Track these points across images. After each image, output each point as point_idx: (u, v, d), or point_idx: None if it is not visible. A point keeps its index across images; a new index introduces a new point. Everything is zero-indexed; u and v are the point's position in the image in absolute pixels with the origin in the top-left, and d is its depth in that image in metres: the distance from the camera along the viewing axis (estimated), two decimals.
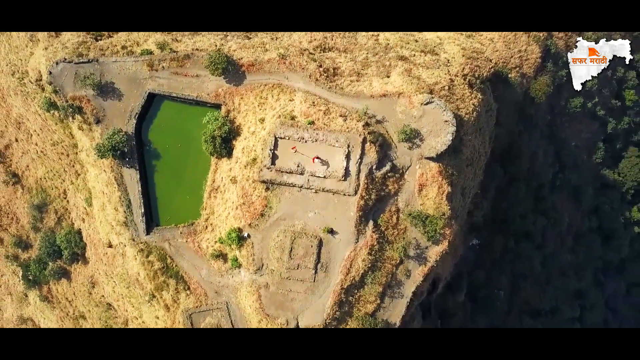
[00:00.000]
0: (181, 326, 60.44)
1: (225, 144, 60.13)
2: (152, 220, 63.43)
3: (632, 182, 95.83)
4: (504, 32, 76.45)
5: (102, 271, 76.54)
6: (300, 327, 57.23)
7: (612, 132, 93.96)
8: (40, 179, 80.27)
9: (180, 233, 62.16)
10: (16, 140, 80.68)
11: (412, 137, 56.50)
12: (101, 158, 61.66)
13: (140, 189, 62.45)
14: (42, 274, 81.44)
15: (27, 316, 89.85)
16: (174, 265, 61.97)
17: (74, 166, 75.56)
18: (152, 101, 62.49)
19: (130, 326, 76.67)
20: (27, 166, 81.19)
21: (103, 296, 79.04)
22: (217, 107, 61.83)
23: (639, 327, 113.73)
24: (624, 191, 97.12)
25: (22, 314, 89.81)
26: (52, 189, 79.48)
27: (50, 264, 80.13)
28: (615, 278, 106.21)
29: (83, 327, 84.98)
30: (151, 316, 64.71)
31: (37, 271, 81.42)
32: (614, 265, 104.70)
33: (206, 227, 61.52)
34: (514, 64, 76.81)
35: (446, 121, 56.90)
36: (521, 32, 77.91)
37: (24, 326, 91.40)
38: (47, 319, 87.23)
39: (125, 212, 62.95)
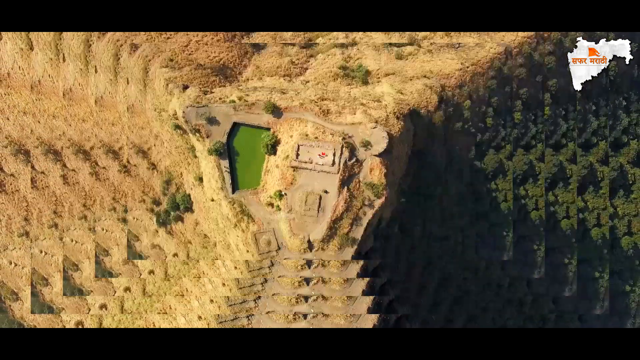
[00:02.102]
0: (249, 241, 60.75)
1: (272, 148, 63.13)
2: (235, 186, 65.04)
3: (491, 168, 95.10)
4: (419, 88, 74.20)
5: (202, 217, 78.96)
6: (310, 240, 58.73)
7: (479, 141, 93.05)
8: (167, 166, 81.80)
9: (250, 193, 63.69)
10: (154, 145, 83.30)
11: (367, 144, 60.44)
12: (210, 155, 64.62)
13: (229, 171, 64.57)
14: (168, 219, 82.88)
15: (156, 243, 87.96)
16: (247, 209, 63.39)
17: (187, 159, 78.23)
18: (235, 126, 64.86)
19: (218, 246, 74.79)
20: (160, 159, 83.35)
21: (202, 230, 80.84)
22: (268, 129, 63.97)
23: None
24: (486, 173, 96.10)
25: (153, 242, 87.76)
26: (174, 172, 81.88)
27: (172, 213, 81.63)
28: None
29: (189, 250, 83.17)
30: (234, 235, 65.74)
31: (164, 217, 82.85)
32: (482, 213, 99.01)
33: (263, 190, 63.21)
34: (423, 105, 76.74)
35: (383, 137, 61.17)
36: (428, 89, 75.20)
37: (154, 251, 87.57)
38: (169, 244, 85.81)
39: (222, 183, 64.65)
